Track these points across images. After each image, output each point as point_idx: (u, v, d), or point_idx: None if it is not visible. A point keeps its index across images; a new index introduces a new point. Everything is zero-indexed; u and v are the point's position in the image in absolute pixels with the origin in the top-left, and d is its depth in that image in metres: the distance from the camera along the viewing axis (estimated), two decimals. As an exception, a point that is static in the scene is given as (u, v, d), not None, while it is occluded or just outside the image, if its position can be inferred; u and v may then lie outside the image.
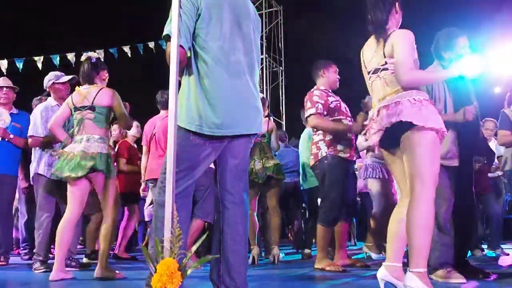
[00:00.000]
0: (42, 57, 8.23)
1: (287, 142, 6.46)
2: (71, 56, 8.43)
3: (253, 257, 4.34)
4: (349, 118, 3.95)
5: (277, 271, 3.85)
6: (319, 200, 4.49)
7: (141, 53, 8.70)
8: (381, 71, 2.53)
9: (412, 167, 2.35)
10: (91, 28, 12.59)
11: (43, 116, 4.06)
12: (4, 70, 8.01)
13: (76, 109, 3.35)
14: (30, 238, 4.85)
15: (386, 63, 2.49)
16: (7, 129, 4.34)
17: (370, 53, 2.62)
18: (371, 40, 2.63)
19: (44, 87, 4.26)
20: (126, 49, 8.62)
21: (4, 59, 8.12)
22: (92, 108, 3.29)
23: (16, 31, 11.84)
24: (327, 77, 4.03)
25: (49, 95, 4.27)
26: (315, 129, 3.97)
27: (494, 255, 5.26)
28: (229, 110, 2.03)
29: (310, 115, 3.87)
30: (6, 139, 4.33)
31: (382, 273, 2.44)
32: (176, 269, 1.52)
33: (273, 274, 3.65)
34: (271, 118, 5.00)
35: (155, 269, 1.53)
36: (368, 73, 2.63)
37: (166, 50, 1.94)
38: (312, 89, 4.01)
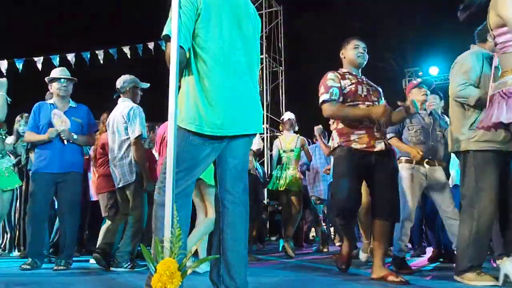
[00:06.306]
0: (42, 57, 8.23)
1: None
2: (71, 56, 8.44)
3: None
4: (368, 103, 3.32)
5: (275, 270, 3.85)
6: None
7: (140, 54, 8.71)
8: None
9: None
10: (91, 29, 12.61)
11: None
12: (4, 70, 8.01)
13: None
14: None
15: (494, 37, 2.09)
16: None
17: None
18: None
19: (121, 89, 4.07)
20: (126, 49, 8.63)
21: (4, 59, 8.11)
22: None
23: (16, 31, 11.84)
24: (346, 56, 3.53)
25: (119, 97, 4.12)
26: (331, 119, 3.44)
27: None
28: (229, 110, 2.03)
29: (324, 102, 3.30)
30: (71, 141, 4.11)
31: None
32: (176, 269, 1.52)
33: (272, 273, 3.64)
34: (301, 137, 5.74)
35: (155, 269, 1.53)
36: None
37: (165, 51, 1.93)
38: (328, 72, 3.45)
